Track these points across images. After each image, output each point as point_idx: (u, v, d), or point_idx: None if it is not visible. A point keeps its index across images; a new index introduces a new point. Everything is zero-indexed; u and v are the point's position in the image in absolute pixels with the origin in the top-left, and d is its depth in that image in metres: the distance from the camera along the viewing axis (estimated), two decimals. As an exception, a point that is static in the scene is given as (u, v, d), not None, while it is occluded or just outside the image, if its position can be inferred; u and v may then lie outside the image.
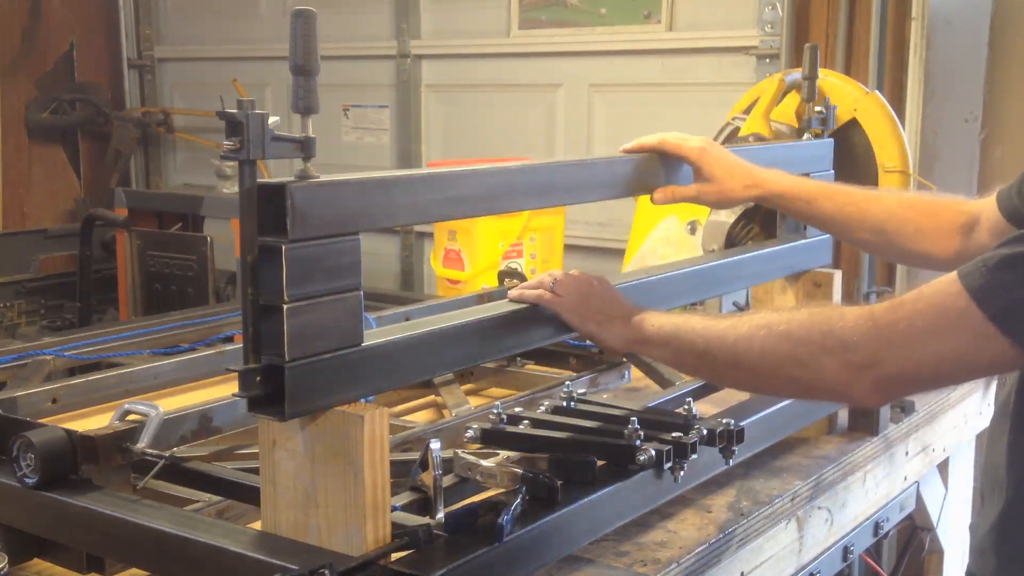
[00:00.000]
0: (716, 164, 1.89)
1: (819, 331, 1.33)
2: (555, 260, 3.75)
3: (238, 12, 5.66)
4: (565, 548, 1.52)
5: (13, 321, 5.08)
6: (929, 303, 1.26)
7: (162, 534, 1.41)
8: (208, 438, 1.82)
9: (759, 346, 1.40)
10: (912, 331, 1.26)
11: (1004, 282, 1.20)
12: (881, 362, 1.28)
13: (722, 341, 1.46)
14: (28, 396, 1.99)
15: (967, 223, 1.72)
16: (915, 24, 3.65)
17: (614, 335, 1.61)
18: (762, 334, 1.40)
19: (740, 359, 1.43)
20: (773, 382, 1.45)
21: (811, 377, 1.35)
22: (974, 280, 1.22)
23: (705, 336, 1.49)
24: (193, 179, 5.83)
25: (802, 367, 1.35)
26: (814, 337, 1.33)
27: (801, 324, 1.36)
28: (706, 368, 1.56)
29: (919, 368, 1.27)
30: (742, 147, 2.30)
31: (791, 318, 1.39)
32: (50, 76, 5.85)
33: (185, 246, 4.24)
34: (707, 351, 1.49)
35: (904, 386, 1.34)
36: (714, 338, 1.48)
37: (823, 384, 1.35)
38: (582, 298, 1.64)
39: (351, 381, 1.33)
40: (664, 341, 1.56)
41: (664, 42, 4.25)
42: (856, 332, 1.29)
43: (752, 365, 1.42)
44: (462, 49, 4.83)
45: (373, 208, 1.35)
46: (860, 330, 1.29)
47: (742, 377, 1.49)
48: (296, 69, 1.27)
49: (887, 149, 2.62)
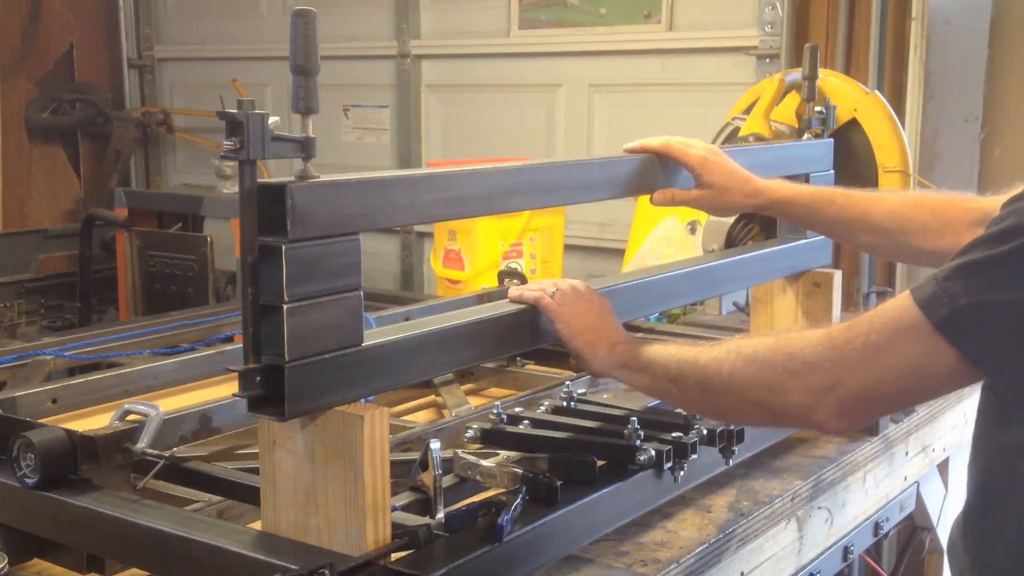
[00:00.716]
0: (717, 172, 1.89)
1: (783, 353, 1.33)
2: (555, 260, 3.75)
3: (238, 12, 5.66)
4: (565, 548, 1.52)
5: (13, 321, 5.07)
6: (884, 319, 1.26)
7: (162, 534, 1.41)
8: (208, 438, 1.82)
9: (728, 369, 1.39)
10: (868, 347, 1.25)
11: (950, 291, 1.20)
12: (841, 381, 1.28)
13: (693, 365, 1.45)
14: (28, 396, 1.99)
15: (977, 219, 1.70)
16: (915, 24, 3.65)
17: (597, 357, 1.59)
18: (731, 358, 1.40)
19: (710, 383, 1.43)
20: (741, 407, 1.44)
21: (777, 402, 1.34)
22: (924, 291, 1.22)
23: (679, 360, 1.48)
24: (193, 179, 5.83)
25: (768, 390, 1.35)
26: (778, 359, 1.33)
27: (768, 347, 1.36)
28: (679, 394, 1.52)
29: (878, 384, 1.26)
30: (742, 147, 2.30)
31: (759, 342, 1.39)
32: (50, 76, 5.85)
33: (185, 246, 4.23)
34: (679, 376, 1.48)
35: (866, 405, 1.32)
36: (687, 362, 1.47)
37: (788, 408, 1.34)
38: (579, 313, 1.61)
39: (351, 381, 1.33)
40: (642, 367, 1.54)
41: (664, 42, 4.25)
42: (815, 353, 1.29)
43: (721, 389, 1.41)
44: (462, 49, 4.83)
45: (373, 208, 1.35)
46: (819, 351, 1.29)
47: (712, 402, 1.48)
48: (296, 69, 1.27)
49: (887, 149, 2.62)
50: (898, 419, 2.32)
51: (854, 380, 1.27)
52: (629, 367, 1.57)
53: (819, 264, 2.26)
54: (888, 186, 2.63)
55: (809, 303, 2.29)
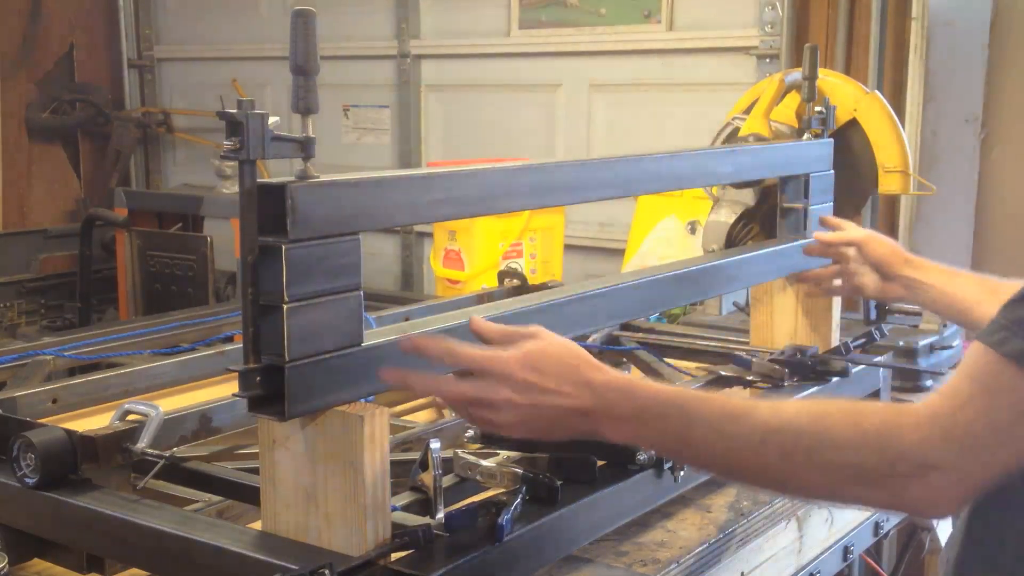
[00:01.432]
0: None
1: (886, 453, 1.16)
2: (555, 260, 3.75)
3: (238, 12, 5.66)
4: (565, 548, 1.52)
5: (13, 321, 5.07)
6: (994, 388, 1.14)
7: (162, 534, 1.41)
8: (208, 438, 1.82)
9: (807, 463, 1.20)
10: (992, 431, 1.13)
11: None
12: (970, 475, 1.15)
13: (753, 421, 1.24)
14: (28, 396, 1.98)
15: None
16: (915, 24, 3.65)
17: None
18: (803, 450, 1.20)
19: (787, 449, 1.22)
20: (836, 499, 1.33)
21: (890, 499, 1.19)
22: (1015, 347, 1.13)
23: (724, 411, 1.25)
24: (193, 179, 5.83)
25: (878, 490, 1.18)
26: (882, 460, 1.17)
27: (856, 443, 1.18)
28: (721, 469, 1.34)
29: (1010, 463, 1.15)
30: (742, 147, 2.30)
31: (831, 431, 1.19)
32: (50, 76, 5.85)
33: (185, 246, 4.23)
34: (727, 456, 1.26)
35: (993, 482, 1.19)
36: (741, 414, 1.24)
37: (905, 505, 1.20)
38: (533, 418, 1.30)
39: (351, 381, 1.33)
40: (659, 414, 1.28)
41: (664, 42, 4.25)
42: (929, 446, 1.14)
43: (808, 486, 1.24)
44: (462, 49, 4.83)
45: (373, 208, 1.35)
46: (932, 444, 1.14)
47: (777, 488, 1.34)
48: (296, 69, 1.27)
49: (887, 149, 2.62)
50: (898, 419, 2.32)
51: (984, 471, 1.15)
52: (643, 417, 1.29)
53: (819, 264, 2.26)
54: (888, 186, 2.63)
55: (809, 303, 2.29)
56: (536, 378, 1.28)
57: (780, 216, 2.27)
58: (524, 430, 1.31)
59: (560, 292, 1.74)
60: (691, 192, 3.34)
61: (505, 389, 1.28)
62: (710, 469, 1.37)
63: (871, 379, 2.18)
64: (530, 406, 1.28)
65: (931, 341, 2.58)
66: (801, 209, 2.24)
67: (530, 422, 1.29)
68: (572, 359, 1.31)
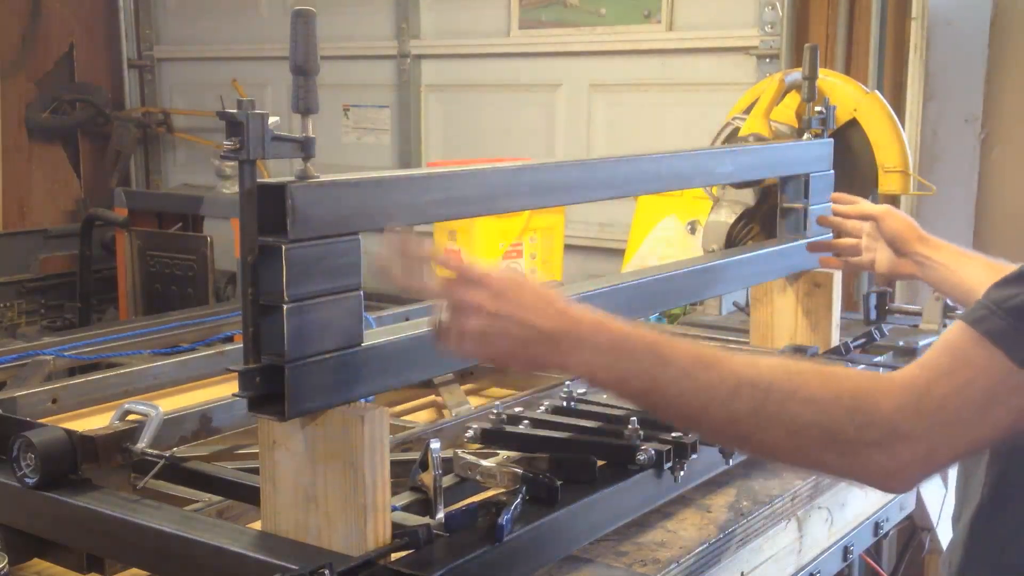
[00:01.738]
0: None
1: (856, 416, 1.14)
2: (555, 260, 3.75)
3: (238, 12, 5.66)
4: (565, 548, 1.51)
5: (13, 321, 5.07)
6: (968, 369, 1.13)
7: (162, 534, 1.41)
8: (208, 438, 1.82)
9: (776, 417, 1.17)
10: (965, 407, 1.12)
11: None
12: (935, 450, 1.14)
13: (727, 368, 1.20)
14: (28, 396, 1.98)
15: None
16: (915, 24, 3.65)
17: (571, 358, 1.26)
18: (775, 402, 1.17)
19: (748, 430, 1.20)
20: (797, 460, 1.27)
21: (851, 465, 1.17)
22: (994, 325, 1.12)
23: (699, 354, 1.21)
24: (193, 179, 5.83)
25: (840, 456, 1.16)
26: (851, 424, 1.14)
27: (828, 403, 1.16)
28: (677, 413, 1.26)
29: (975, 445, 1.16)
30: (742, 147, 2.30)
31: (804, 388, 1.17)
32: (50, 76, 5.85)
33: (185, 246, 4.24)
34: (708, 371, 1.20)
35: (950, 464, 1.19)
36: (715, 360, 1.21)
37: (865, 474, 1.17)
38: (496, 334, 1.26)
39: (351, 381, 1.33)
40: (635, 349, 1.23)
41: (664, 42, 4.25)
42: (900, 415, 1.13)
43: (772, 442, 1.19)
44: (462, 49, 4.83)
45: (373, 208, 1.35)
46: (904, 414, 1.13)
47: (743, 443, 1.29)
48: (296, 69, 1.27)
49: (887, 149, 2.62)
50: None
51: (950, 449, 1.14)
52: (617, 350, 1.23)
53: (819, 264, 2.26)
54: (888, 186, 2.63)
55: (809, 303, 2.29)
56: (512, 292, 1.24)
57: (780, 216, 2.27)
58: (486, 347, 1.25)
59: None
60: (691, 192, 3.34)
61: (480, 293, 1.24)
62: (676, 416, 1.28)
63: (871, 379, 2.18)
64: (499, 316, 1.23)
65: (931, 341, 2.58)
66: (801, 209, 2.24)
67: (494, 337, 1.24)
68: (550, 291, 1.28)
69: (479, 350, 1.26)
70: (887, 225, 2.10)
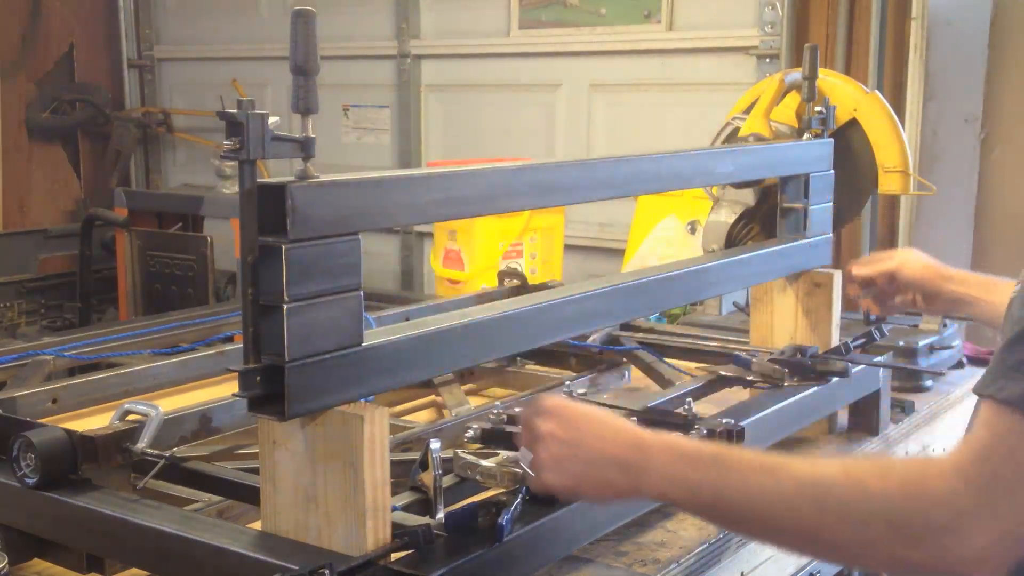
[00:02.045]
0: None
1: (916, 503, 1.15)
2: (555, 260, 3.75)
3: (238, 12, 5.66)
4: (565, 548, 1.52)
5: (13, 321, 5.08)
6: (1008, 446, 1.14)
7: (162, 534, 1.41)
8: (208, 438, 1.82)
9: (839, 515, 1.17)
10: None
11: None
12: (1004, 521, 1.13)
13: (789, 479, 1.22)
14: (28, 396, 1.98)
15: None
16: (915, 24, 3.65)
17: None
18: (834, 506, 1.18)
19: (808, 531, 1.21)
20: (869, 559, 1.24)
21: (926, 557, 1.15)
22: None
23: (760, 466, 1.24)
24: (193, 179, 5.83)
25: (911, 548, 1.15)
26: (913, 512, 1.15)
27: (886, 494, 1.16)
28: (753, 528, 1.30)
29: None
30: (742, 147, 2.30)
31: (862, 483, 1.18)
32: (50, 76, 5.85)
33: (185, 246, 4.24)
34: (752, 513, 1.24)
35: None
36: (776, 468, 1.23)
37: (945, 564, 1.15)
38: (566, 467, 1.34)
39: (351, 381, 1.33)
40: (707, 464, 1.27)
41: (664, 42, 4.25)
42: (962, 499, 1.13)
43: (840, 542, 1.19)
44: (462, 49, 4.83)
45: (373, 208, 1.35)
46: (964, 495, 1.13)
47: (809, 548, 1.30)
48: (296, 69, 1.27)
49: (887, 149, 2.61)
50: (898, 419, 2.32)
51: (1019, 516, 1.13)
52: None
53: (819, 264, 2.26)
54: (888, 186, 2.63)
55: (809, 303, 2.28)
56: (583, 422, 1.33)
57: (780, 216, 2.27)
58: (562, 474, 1.32)
59: (560, 292, 1.73)
60: (691, 192, 3.34)
61: (552, 423, 1.33)
62: (745, 525, 1.32)
63: (871, 379, 2.18)
64: (570, 444, 1.32)
65: (931, 341, 2.58)
66: (801, 209, 2.24)
67: (568, 463, 1.32)
68: (619, 419, 1.36)
69: (556, 478, 1.33)
70: (905, 276, 2.11)
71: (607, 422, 1.33)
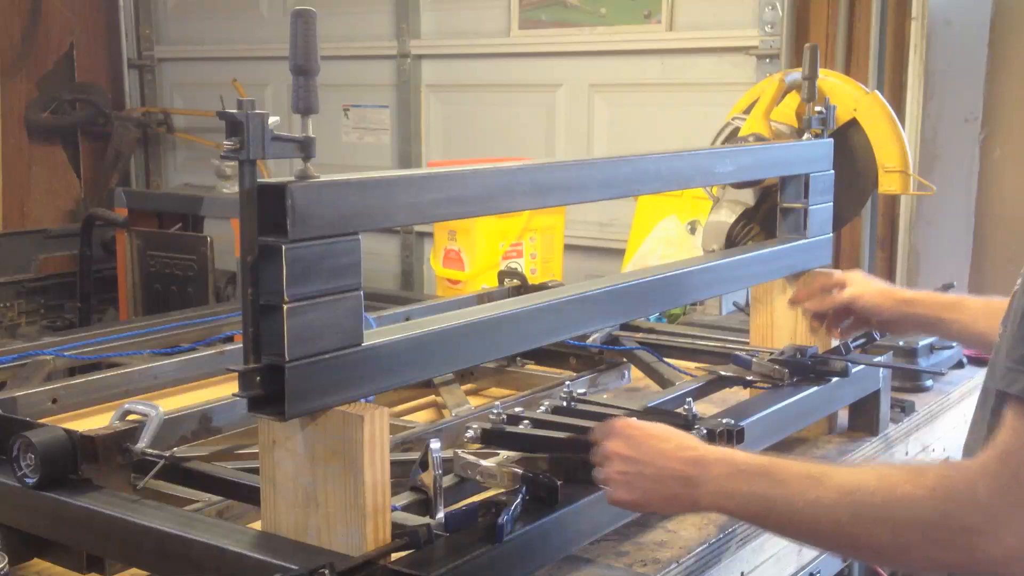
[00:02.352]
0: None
1: (947, 507, 1.19)
2: (555, 260, 3.75)
3: (238, 12, 5.66)
4: (565, 548, 1.52)
5: (13, 321, 5.08)
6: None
7: (162, 534, 1.41)
8: (208, 438, 1.82)
9: (877, 520, 1.23)
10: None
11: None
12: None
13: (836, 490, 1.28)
14: (28, 396, 1.99)
15: None
16: (915, 24, 3.65)
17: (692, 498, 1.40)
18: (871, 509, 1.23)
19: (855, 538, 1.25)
20: (906, 561, 1.31)
21: (959, 558, 1.20)
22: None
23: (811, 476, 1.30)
24: (193, 179, 5.83)
25: (945, 549, 1.20)
26: (944, 514, 1.19)
27: (919, 498, 1.21)
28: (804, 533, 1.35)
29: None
30: (742, 147, 2.30)
31: (897, 489, 1.23)
32: (50, 76, 5.85)
33: (185, 246, 4.24)
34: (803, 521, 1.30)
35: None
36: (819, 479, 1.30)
37: (977, 565, 1.19)
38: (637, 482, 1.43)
39: (351, 381, 1.33)
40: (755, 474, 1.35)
41: (664, 42, 4.25)
42: (992, 500, 1.16)
43: (879, 545, 1.24)
44: (462, 49, 4.83)
45: (373, 208, 1.35)
46: (993, 496, 1.16)
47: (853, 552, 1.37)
48: (296, 69, 1.27)
49: (887, 149, 2.61)
50: (898, 419, 2.32)
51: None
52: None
53: (819, 264, 2.26)
54: (888, 186, 2.63)
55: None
56: (647, 440, 1.41)
57: (780, 216, 2.27)
58: (629, 490, 1.41)
59: (560, 292, 1.74)
60: (691, 192, 3.34)
61: (619, 442, 1.42)
62: (792, 533, 1.40)
63: (871, 379, 2.18)
64: (635, 461, 1.40)
65: (931, 341, 2.58)
66: (801, 209, 2.24)
67: (634, 479, 1.40)
68: (681, 435, 1.44)
69: (625, 494, 1.42)
70: (862, 306, 2.05)
71: (669, 438, 1.41)
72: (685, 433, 1.46)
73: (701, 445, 1.42)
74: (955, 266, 3.76)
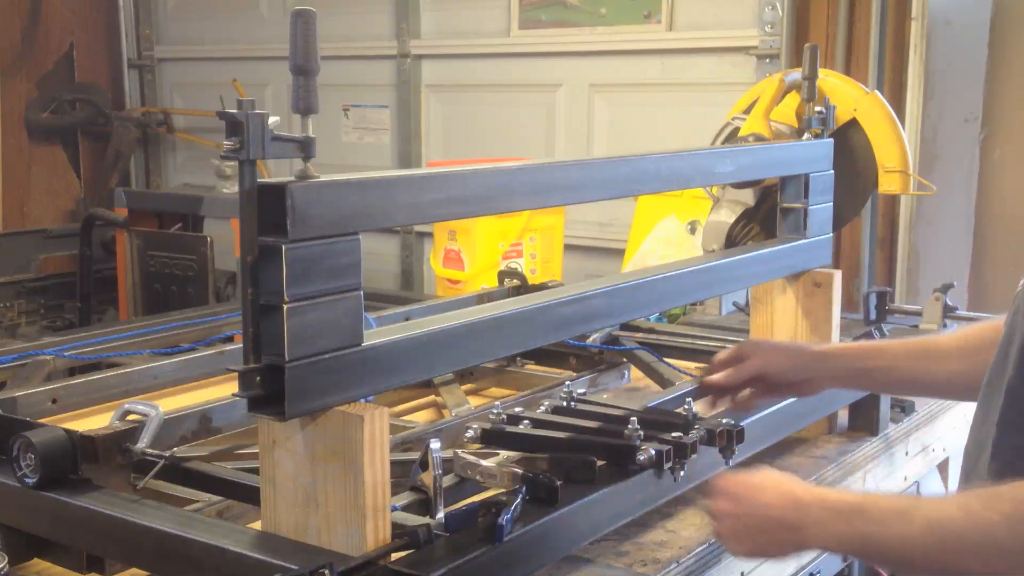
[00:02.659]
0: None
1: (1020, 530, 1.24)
2: (555, 260, 3.75)
3: (238, 12, 5.66)
4: (565, 548, 1.52)
5: (13, 321, 5.08)
6: None
7: (162, 534, 1.41)
8: (208, 438, 1.82)
9: (961, 550, 1.28)
10: None
11: None
12: None
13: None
14: (28, 396, 1.99)
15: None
16: (915, 24, 3.65)
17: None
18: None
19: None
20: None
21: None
22: None
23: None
24: (193, 179, 5.83)
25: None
26: (1018, 540, 1.24)
27: (996, 524, 1.26)
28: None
29: None
30: (742, 147, 2.30)
31: (975, 516, 1.28)
32: (50, 76, 5.85)
33: (185, 246, 4.24)
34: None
35: None
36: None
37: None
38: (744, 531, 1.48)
39: (351, 381, 1.33)
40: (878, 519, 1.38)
41: (664, 42, 4.25)
42: None
43: (965, 572, 1.30)
44: (462, 49, 4.83)
45: (373, 208, 1.35)
46: None
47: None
48: (296, 69, 1.27)
49: (887, 149, 2.62)
50: (898, 419, 2.32)
51: None
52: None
53: (819, 264, 2.26)
54: (888, 186, 2.63)
55: (809, 303, 2.28)
56: (749, 493, 1.47)
57: (780, 216, 2.27)
58: (741, 543, 1.48)
59: (560, 292, 1.73)
60: (691, 192, 3.34)
61: (725, 501, 1.48)
62: (889, 565, 1.49)
63: (871, 379, 2.18)
64: (742, 516, 1.46)
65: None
66: (801, 209, 2.24)
67: (743, 533, 1.47)
68: (782, 480, 1.48)
69: (738, 547, 1.50)
70: (775, 375, 1.86)
71: (768, 487, 1.47)
72: (779, 475, 1.50)
73: (796, 485, 1.46)
74: (955, 266, 3.76)
